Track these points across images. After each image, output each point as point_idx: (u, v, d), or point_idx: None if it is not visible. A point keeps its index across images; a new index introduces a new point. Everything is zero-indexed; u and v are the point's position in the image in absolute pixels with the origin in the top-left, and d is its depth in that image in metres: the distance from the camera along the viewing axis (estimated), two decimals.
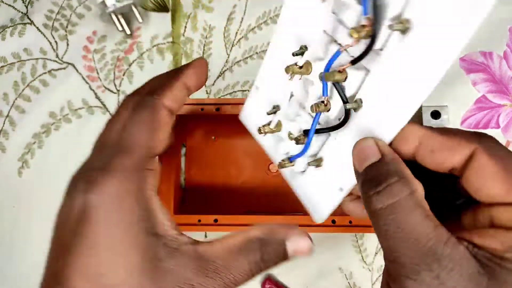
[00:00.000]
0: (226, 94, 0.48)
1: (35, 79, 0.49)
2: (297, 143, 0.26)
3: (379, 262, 0.44)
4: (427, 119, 0.39)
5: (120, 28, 0.48)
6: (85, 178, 0.22)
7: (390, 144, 0.22)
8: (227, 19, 0.49)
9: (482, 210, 0.21)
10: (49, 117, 0.48)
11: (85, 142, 0.46)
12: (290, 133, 0.27)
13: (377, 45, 0.21)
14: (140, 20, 0.48)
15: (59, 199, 0.24)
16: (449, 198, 0.21)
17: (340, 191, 0.24)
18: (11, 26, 0.49)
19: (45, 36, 0.49)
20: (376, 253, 0.44)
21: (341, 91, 0.23)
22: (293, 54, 0.25)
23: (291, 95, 0.27)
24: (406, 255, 0.18)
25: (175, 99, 0.26)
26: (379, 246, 0.44)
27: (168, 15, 0.49)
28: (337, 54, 0.22)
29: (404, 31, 0.20)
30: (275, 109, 0.28)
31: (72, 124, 0.48)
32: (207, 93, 0.48)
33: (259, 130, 0.27)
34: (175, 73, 0.27)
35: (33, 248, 0.46)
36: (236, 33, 0.49)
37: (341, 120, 0.23)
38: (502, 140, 0.45)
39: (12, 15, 0.49)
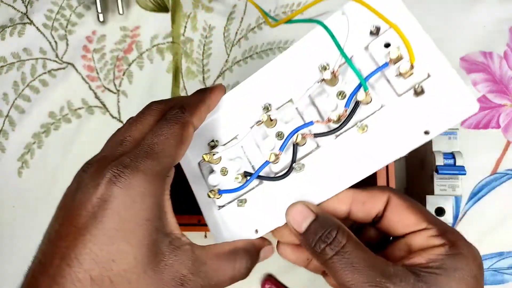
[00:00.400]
0: None
1: (35, 79, 0.49)
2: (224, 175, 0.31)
3: None
4: None
5: (99, 10, 0.47)
6: (114, 171, 0.24)
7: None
8: (227, 19, 0.49)
9: (398, 244, 0.27)
10: (48, 117, 0.48)
11: (85, 142, 0.47)
12: (224, 169, 0.30)
13: (339, 132, 0.27)
14: (121, 12, 0.48)
15: (59, 199, 0.24)
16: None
17: (255, 232, 0.29)
18: (10, 26, 0.49)
19: (44, 36, 0.49)
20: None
21: (296, 152, 0.28)
22: (265, 108, 0.30)
23: (235, 137, 0.31)
24: (366, 281, 0.24)
25: (200, 119, 0.30)
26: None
27: (168, 15, 0.49)
28: (310, 124, 0.28)
29: (360, 131, 0.27)
30: (213, 143, 0.32)
31: (71, 124, 0.48)
32: None
33: (205, 157, 0.30)
34: (202, 96, 0.31)
35: (34, 248, 0.46)
36: (236, 33, 0.49)
37: (280, 174, 0.28)
38: (502, 140, 0.45)
39: (12, 15, 0.49)
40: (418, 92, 0.26)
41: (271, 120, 0.29)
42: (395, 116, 0.27)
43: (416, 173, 0.41)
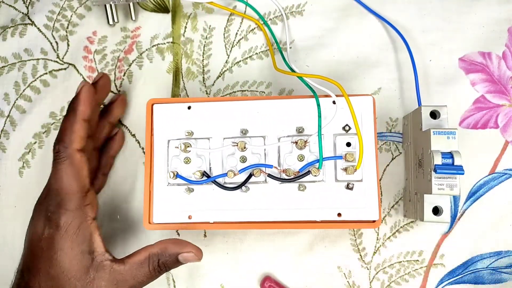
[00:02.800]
0: (226, 95, 0.48)
1: (36, 79, 0.49)
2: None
3: (377, 260, 0.44)
4: (426, 119, 0.39)
5: (111, 22, 0.48)
6: (48, 214, 0.34)
7: None
8: (227, 19, 0.49)
9: None
10: (49, 117, 0.48)
11: None
12: (188, 159, 0.38)
13: (285, 182, 0.36)
14: (134, 18, 0.48)
15: None
16: None
17: (188, 218, 0.37)
18: (12, 27, 0.49)
19: (45, 36, 0.49)
20: (374, 252, 0.44)
21: (249, 179, 0.37)
22: (242, 131, 0.38)
23: (208, 138, 0.38)
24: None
25: (81, 137, 0.35)
26: (378, 245, 0.44)
27: (168, 16, 0.50)
28: (270, 166, 0.37)
29: (299, 188, 0.37)
30: (188, 133, 0.38)
31: None
32: (207, 93, 0.48)
33: (181, 146, 0.37)
34: (72, 115, 0.35)
35: None
36: (236, 33, 0.49)
37: (230, 186, 0.37)
38: (501, 140, 0.45)
39: (13, 16, 0.50)
40: (349, 187, 0.36)
41: (244, 147, 0.37)
42: (327, 192, 0.36)
43: (414, 172, 0.41)
